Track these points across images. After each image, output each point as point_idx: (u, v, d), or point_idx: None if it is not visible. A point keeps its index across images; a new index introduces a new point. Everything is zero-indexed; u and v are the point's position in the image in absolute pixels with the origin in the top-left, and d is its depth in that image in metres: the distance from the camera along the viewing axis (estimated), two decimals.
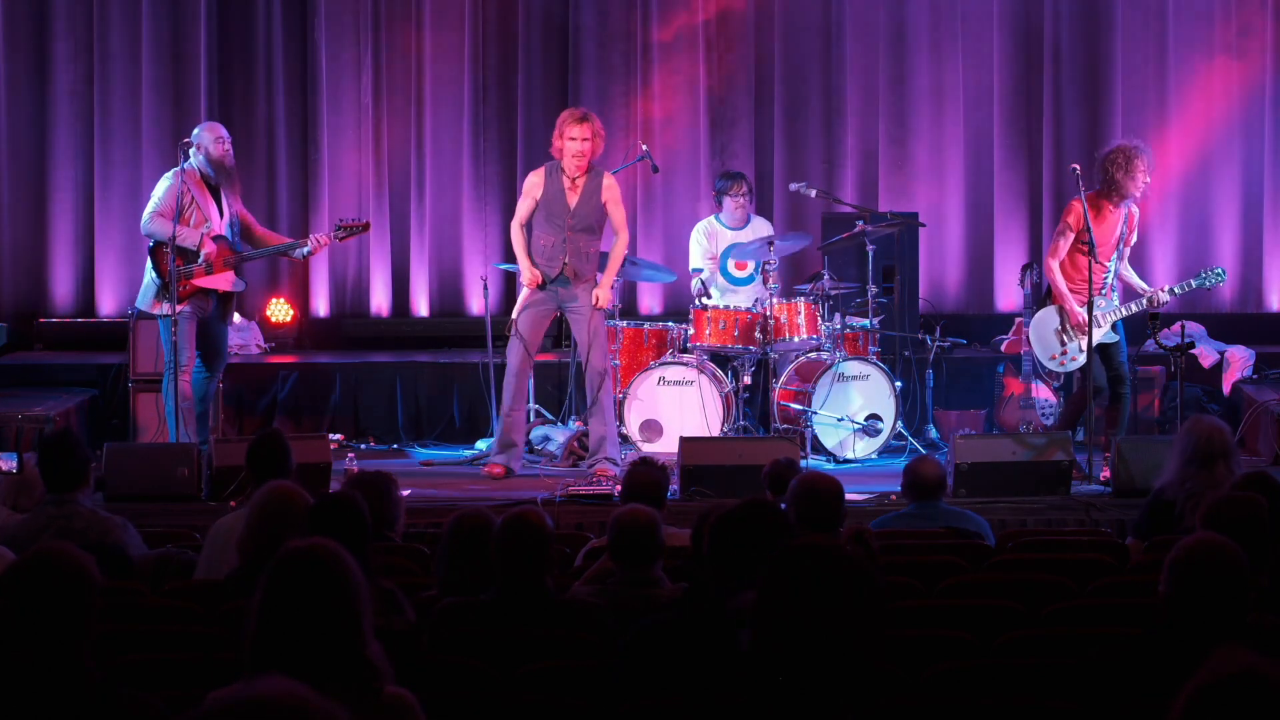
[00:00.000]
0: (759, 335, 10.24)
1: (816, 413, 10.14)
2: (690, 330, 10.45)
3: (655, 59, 12.80)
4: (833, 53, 12.79)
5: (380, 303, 12.82)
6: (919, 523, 6.86)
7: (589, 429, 9.90)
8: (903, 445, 10.45)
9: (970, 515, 7.00)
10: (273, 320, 12.61)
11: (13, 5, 12.63)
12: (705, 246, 10.87)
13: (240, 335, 11.97)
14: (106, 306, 12.57)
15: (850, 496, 6.75)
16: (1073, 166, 9.87)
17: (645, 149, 11.08)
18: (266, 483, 5.54)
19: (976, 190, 12.79)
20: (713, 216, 11.01)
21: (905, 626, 5.05)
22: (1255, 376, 11.38)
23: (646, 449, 9.99)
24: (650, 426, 10.31)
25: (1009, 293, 12.45)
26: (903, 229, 11.10)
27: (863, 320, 10.60)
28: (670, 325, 10.70)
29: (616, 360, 10.36)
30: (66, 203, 12.67)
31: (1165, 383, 10.98)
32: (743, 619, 3.53)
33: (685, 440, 9.23)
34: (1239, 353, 11.52)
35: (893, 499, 8.54)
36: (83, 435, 10.20)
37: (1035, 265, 10.63)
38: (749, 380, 10.41)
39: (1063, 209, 10.09)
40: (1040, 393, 10.52)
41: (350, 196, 12.72)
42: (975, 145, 12.78)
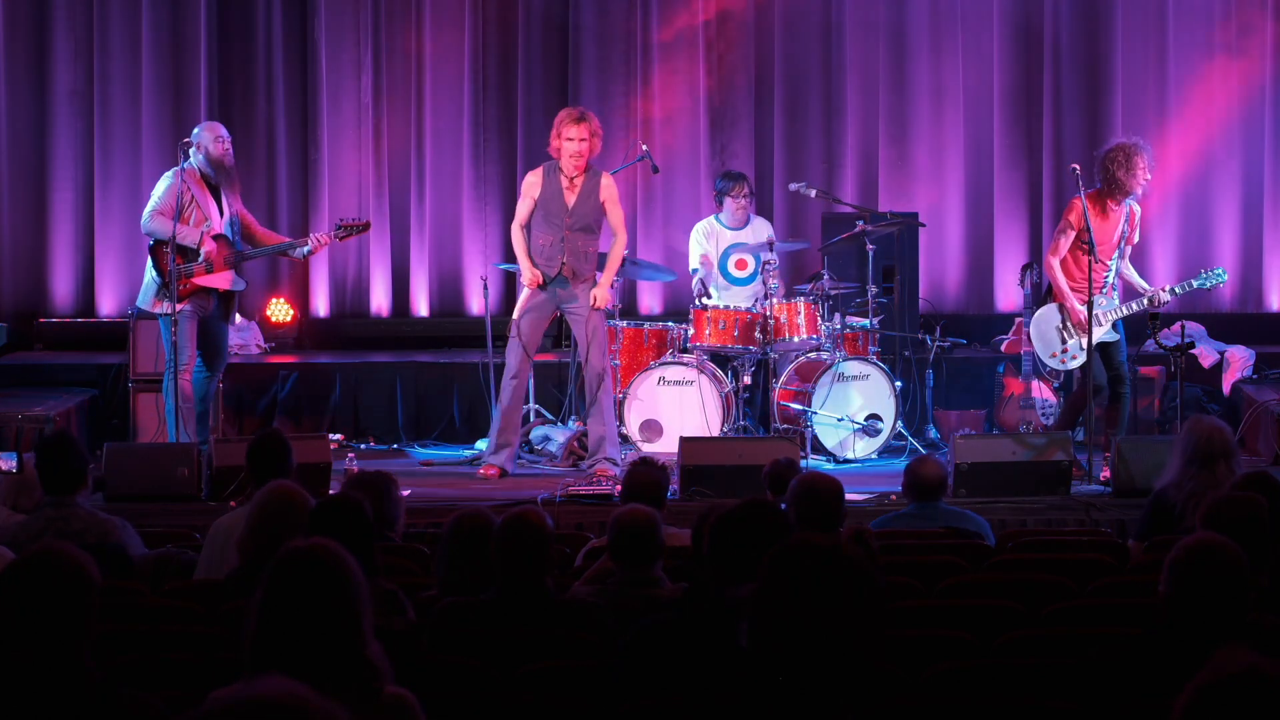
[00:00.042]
0: (759, 335, 10.23)
1: (816, 413, 10.14)
2: (690, 330, 10.44)
3: (655, 59, 12.79)
4: (833, 53, 12.78)
5: (380, 303, 12.81)
6: (919, 523, 6.86)
7: (588, 429, 9.91)
8: (903, 445, 10.45)
9: (970, 515, 7.00)
10: (273, 320, 12.60)
11: (13, 5, 12.62)
12: (705, 247, 10.87)
13: (240, 335, 11.96)
14: (106, 306, 12.56)
15: (850, 496, 6.74)
16: (1073, 166, 9.87)
17: (645, 149, 11.08)
18: (267, 483, 5.54)
19: (976, 190, 12.78)
20: (713, 216, 11.00)
21: (905, 626, 5.05)
22: (1255, 376, 11.38)
23: (646, 449, 9.99)
24: (650, 426, 10.31)
25: (1009, 293, 12.44)
26: (902, 229, 11.10)
27: (863, 320, 10.60)
28: (670, 325, 10.69)
29: (616, 360, 10.35)
30: (66, 202, 12.66)
31: (1165, 383, 10.98)
32: (742, 610, 3.53)
33: (685, 440, 9.22)
34: (1239, 353, 11.52)
35: (893, 499, 8.55)
36: (83, 435, 10.20)
37: (1035, 265, 10.62)
38: (749, 380, 10.41)
39: (1063, 209, 10.09)
40: (1040, 393, 10.52)
41: (350, 196, 12.71)
42: (975, 145, 12.77)
